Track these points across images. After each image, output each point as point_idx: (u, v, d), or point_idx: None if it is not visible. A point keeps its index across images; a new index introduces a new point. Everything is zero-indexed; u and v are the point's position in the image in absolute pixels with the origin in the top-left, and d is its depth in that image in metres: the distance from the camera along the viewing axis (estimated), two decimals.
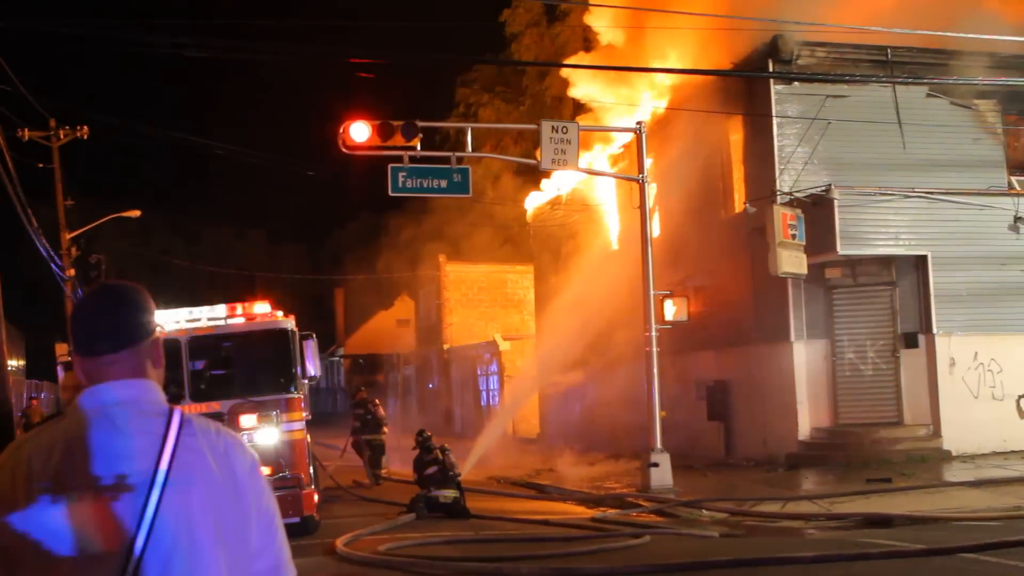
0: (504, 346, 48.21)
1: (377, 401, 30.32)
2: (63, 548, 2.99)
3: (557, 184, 37.98)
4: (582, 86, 35.23)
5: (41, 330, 59.59)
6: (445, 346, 54.88)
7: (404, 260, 57.59)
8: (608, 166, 33.21)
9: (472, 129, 28.50)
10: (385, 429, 29.39)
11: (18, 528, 3.02)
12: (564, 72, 38.50)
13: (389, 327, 64.13)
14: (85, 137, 43.62)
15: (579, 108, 36.30)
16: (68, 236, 44.88)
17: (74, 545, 2.99)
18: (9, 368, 58.11)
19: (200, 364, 18.49)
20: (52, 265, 37.77)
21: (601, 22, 34.44)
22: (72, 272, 44.97)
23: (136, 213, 47.57)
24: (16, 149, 38.75)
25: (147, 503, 3.04)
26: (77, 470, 3.07)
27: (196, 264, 66.34)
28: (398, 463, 29.81)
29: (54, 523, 3.00)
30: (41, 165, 43.22)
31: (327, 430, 57.75)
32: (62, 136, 43.07)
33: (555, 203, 38.94)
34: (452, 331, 54.72)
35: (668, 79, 30.94)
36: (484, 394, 51.05)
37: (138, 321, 3.31)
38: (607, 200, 35.21)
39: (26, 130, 41.02)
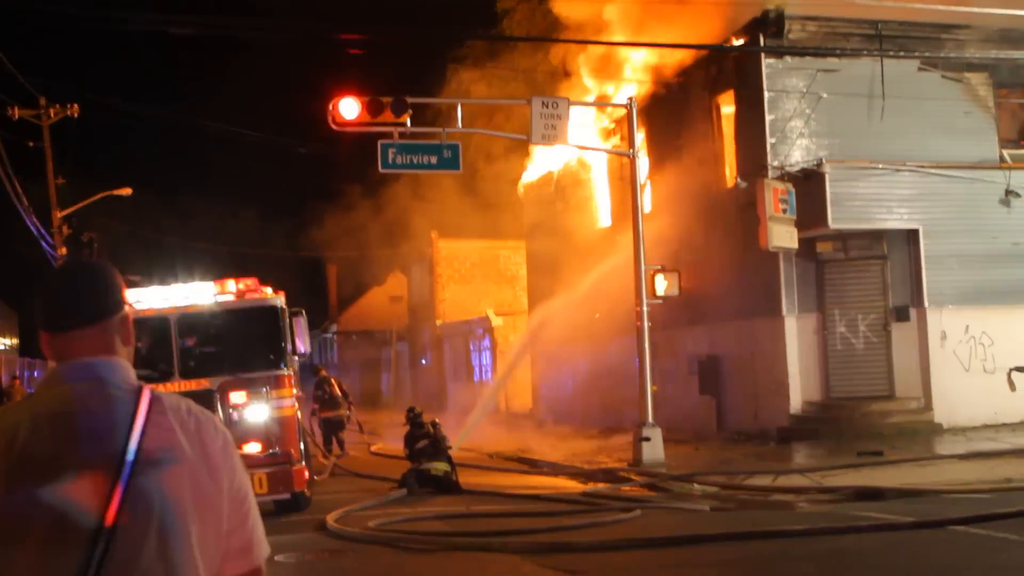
0: (497, 322, 48.21)
1: (335, 380, 31.11)
2: (31, 529, 2.92)
3: (549, 159, 37.90)
4: (574, 61, 35.11)
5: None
6: (438, 322, 54.88)
7: (397, 236, 57.53)
8: (600, 141, 33.12)
9: (464, 105, 28.34)
10: (344, 406, 30.49)
11: None
12: (556, 50, 38.30)
13: (382, 303, 64.12)
14: (76, 115, 43.50)
15: (571, 84, 36.11)
16: (59, 215, 44.77)
17: (42, 526, 2.93)
18: (1, 347, 58.05)
19: (189, 341, 18.42)
20: (43, 243, 37.64)
21: None
22: (64, 251, 44.90)
23: (127, 191, 47.38)
24: (6, 128, 38.71)
25: (116, 483, 2.98)
26: (44, 450, 3.01)
27: (189, 242, 66.16)
28: (391, 440, 29.84)
29: (22, 504, 2.94)
30: (32, 144, 43.09)
31: None
32: (52, 115, 42.97)
33: (547, 178, 38.85)
34: (445, 307, 54.71)
35: (660, 53, 30.82)
36: (477, 370, 51.07)
37: (106, 296, 3.25)
38: (599, 175, 35.14)
39: (16, 108, 40.88)
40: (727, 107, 28.15)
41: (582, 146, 30.41)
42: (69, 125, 44.45)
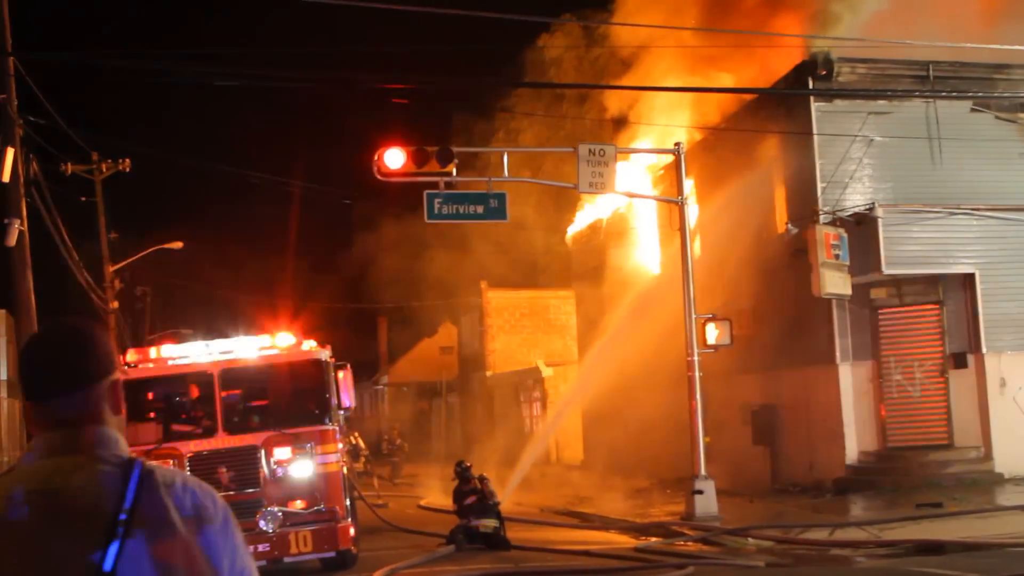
0: (547, 372, 47.80)
1: (356, 434, 32.39)
2: None
3: (598, 208, 37.67)
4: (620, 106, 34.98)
5: None
6: (488, 373, 54.53)
7: (447, 287, 57.47)
8: (650, 188, 32.81)
9: (511, 154, 28.12)
10: (361, 459, 32.77)
11: None
12: (604, 96, 38.21)
13: (432, 354, 63.94)
14: (127, 170, 43.66)
15: (620, 132, 35.93)
16: (111, 269, 44.95)
17: None
18: None
19: (233, 396, 18.21)
20: (92, 296, 37.75)
21: (639, 42, 34.09)
22: (115, 304, 45.03)
23: (178, 245, 47.52)
24: (59, 183, 38.88)
25: (103, 564, 2.72)
26: (25, 530, 2.78)
27: (241, 294, 66.34)
28: (440, 493, 29.51)
29: None
30: (84, 199, 43.31)
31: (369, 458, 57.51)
32: (104, 169, 43.13)
33: (595, 227, 38.61)
34: (495, 358, 54.38)
35: (709, 98, 30.60)
36: (527, 421, 50.65)
37: (91, 360, 3.01)
38: (648, 223, 34.81)
39: (69, 164, 41.04)
40: (777, 151, 27.76)
41: (630, 193, 30.12)
42: (122, 179, 44.60)
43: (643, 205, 33.76)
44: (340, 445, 18.85)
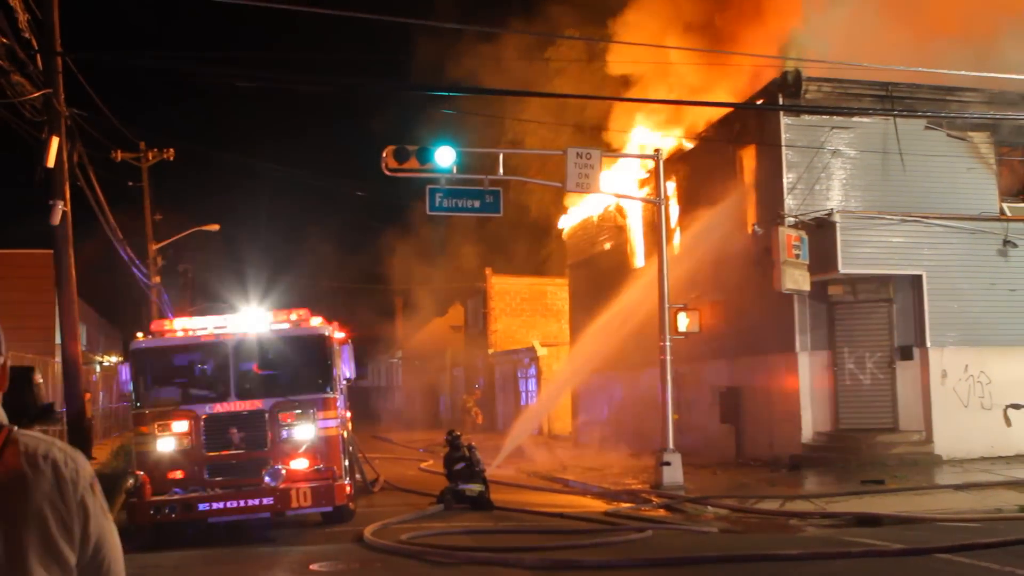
0: (542, 352, 47.89)
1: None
2: None
3: (592, 205, 37.63)
4: (616, 118, 34.90)
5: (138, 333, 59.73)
6: (490, 351, 54.61)
7: (457, 272, 57.51)
8: (636, 189, 32.74)
9: (516, 155, 28.07)
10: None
11: None
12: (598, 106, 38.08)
13: (443, 332, 64.00)
14: (171, 159, 43.78)
15: (614, 137, 35.85)
16: (154, 247, 45.10)
17: None
18: (107, 363, 58.05)
19: (246, 365, 18.27)
20: (134, 270, 37.84)
21: (627, 57, 33.99)
22: (157, 279, 45.18)
23: (215, 227, 47.67)
24: (110, 170, 38.98)
25: None
26: None
27: (272, 274, 66.40)
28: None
29: None
30: (131, 184, 43.44)
31: (383, 425, 57.72)
32: (151, 157, 43.26)
33: (588, 222, 38.59)
34: (496, 337, 54.44)
35: (690, 111, 30.56)
36: (524, 395, 50.77)
37: None
38: (635, 220, 34.79)
39: (119, 152, 41.18)
40: (749, 160, 27.73)
41: (616, 193, 30.07)
42: (167, 167, 44.77)
43: (630, 204, 33.72)
44: (345, 412, 18.92)
